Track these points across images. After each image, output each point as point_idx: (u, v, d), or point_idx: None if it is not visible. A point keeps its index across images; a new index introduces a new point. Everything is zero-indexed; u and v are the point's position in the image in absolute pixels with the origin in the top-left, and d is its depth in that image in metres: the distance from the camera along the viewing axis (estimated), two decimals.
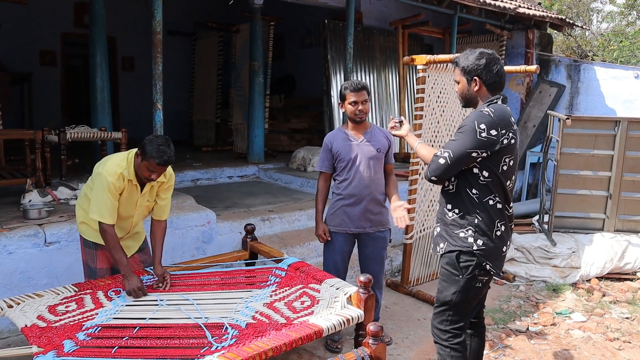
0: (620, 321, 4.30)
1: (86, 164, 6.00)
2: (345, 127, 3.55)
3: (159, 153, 2.78)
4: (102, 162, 3.02)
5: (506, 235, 2.61)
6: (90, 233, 3.06)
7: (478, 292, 2.65)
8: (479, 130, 2.41)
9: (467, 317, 2.70)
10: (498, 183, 2.51)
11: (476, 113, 2.49)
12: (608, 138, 5.56)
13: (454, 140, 2.49)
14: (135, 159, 2.89)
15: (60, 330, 2.49)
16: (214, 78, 8.75)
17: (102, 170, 2.89)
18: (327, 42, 7.32)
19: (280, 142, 8.49)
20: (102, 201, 2.86)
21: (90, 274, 3.16)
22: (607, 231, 5.63)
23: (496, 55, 2.60)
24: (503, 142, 2.44)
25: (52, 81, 9.21)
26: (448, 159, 2.46)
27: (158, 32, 4.17)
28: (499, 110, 2.48)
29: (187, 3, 10.36)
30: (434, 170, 2.52)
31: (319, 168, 3.55)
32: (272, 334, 2.50)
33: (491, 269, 2.57)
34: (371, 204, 3.46)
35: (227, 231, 4.60)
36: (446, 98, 4.75)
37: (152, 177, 2.87)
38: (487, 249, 2.54)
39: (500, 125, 2.43)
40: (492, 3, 7.12)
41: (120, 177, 2.89)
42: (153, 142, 2.81)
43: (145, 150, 2.80)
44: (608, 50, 12.26)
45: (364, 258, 3.60)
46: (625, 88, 7.43)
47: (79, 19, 9.17)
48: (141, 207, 3.10)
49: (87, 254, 3.14)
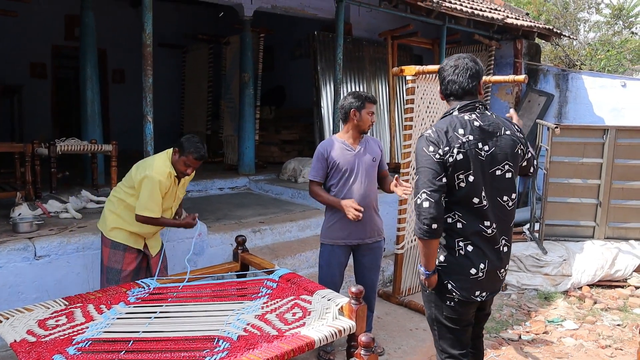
0: (612, 328, 4.32)
1: (76, 176, 5.97)
2: (340, 135, 3.52)
3: (197, 149, 3.24)
4: (145, 165, 3.32)
5: (475, 257, 2.37)
6: (122, 236, 3.34)
7: (455, 312, 2.45)
8: (430, 155, 2.28)
9: (455, 334, 2.51)
10: (458, 202, 2.33)
11: (419, 140, 2.36)
12: (597, 146, 5.62)
13: (417, 178, 2.33)
14: (173, 156, 3.31)
15: (50, 345, 2.46)
16: (204, 90, 8.76)
17: (150, 172, 3.21)
18: (316, 53, 7.36)
19: (270, 153, 8.50)
20: (154, 199, 3.21)
21: (113, 276, 3.33)
22: (598, 239, 5.67)
23: (457, 62, 2.42)
24: (449, 160, 2.28)
25: (42, 93, 9.20)
26: (429, 197, 2.25)
27: (148, 44, 4.18)
28: (440, 126, 2.34)
29: (177, 15, 10.41)
30: (430, 218, 2.24)
31: (312, 177, 3.48)
32: (263, 346, 2.49)
33: (453, 289, 2.39)
34: (368, 212, 3.45)
35: (219, 243, 4.59)
36: (436, 108, 4.78)
37: (187, 171, 3.32)
38: (447, 265, 2.41)
39: (441, 143, 2.29)
40: (480, 14, 7.20)
41: (169, 175, 3.28)
42: (190, 140, 3.27)
43: (184, 147, 3.24)
44: (595, 59, 12.41)
45: (361, 268, 3.59)
46: (613, 97, 7.51)
47: (69, 31, 9.18)
48: (178, 199, 3.52)
49: (113, 255, 3.34)
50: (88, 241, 3.81)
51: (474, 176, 2.31)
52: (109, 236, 3.33)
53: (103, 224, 3.39)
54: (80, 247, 3.77)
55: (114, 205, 3.38)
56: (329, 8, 7.24)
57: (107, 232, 3.35)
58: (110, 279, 3.32)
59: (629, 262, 5.35)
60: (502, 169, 2.38)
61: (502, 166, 2.38)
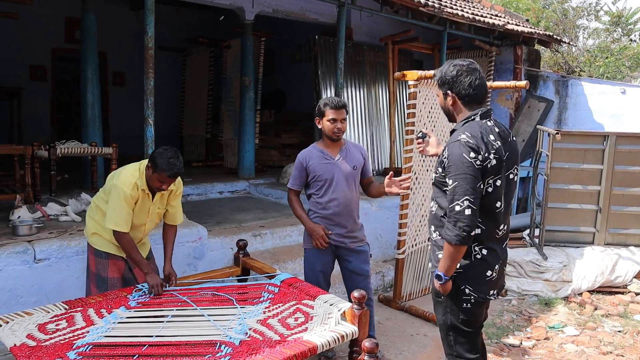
0: (613, 335, 4.31)
1: (75, 179, 5.95)
2: (320, 144, 3.48)
3: (169, 166, 2.93)
4: (116, 173, 3.15)
5: (492, 259, 2.44)
6: (102, 243, 3.17)
7: (471, 314, 2.49)
8: (472, 161, 2.28)
9: (472, 338, 2.56)
10: (482, 207, 2.35)
11: (455, 145, 2.33)
12: (597, 152, 5.62)
13: (455, 184, 2.29)
14: (147, 171, 3.04)
15: (50, 350, 2.44)
16: (204, 93, 8.76)
17: (117, 182, 3.03)
18: (317, 57, 7.36)
19: (270, 157, 8.49)
20: (119, 211, 2.99)
21: (101, 283, 3.20)
22: (598, 245, 5.67)
23: (473, 65, 2.44)
24: (487, 166, 2.31)
25: (41, 96, 9.18)
26: (472, 204, 2.26)
27: (150, 47, 4.17)
28: (474, 132, 2.34)
29: (177, 19, 10.41)
30: (469, 225, 2.26)
31: (291, 186, 3.49)
32: (266, 352, 2.47)
33: (471, 293, 2.43)
34: (349, 222, 3.45)
35: (219, 247, 4.57)
36: (437, 113, 4.78)
37: (162, 187, 3.04)
38: (464, 271, 2.43)
39: (481, 150, 2.30)
40: (481, 20, 7.21)
41: (135, 186, 3.03)
42: (163, 155, 2.94)
43: (155, 164, 2.95)
44: (594, 66, 12.45)
45: (348, 274, 3.55)
46: (613, 103, 7.53)
47: (69, 34, 9.18)
48: (153, 215, 3.24)
49: (98, 263, 3.20)
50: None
51: (500, 180, 2.37)
52: (91, 243, 3.21)
53: (86, 230, 3.28)
54: (80, 251, 3.74)
55: (93, 211, 3.24)
56: (329, 13, 7.25)
57: (88, 238, 3.23)
58: (100, 286, 3.20)
59: (629, 269, 5.35)
60: (513, 172, 2.48)
61: (513, 170, 2.48)
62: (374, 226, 5.60)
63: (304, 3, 7.20)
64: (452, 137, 2.43)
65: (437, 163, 2.51)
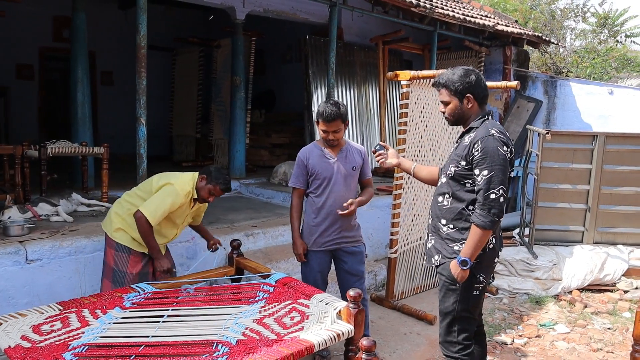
0: (603, 332, 4.37)
1: (65, 179, 5.90)
2: (320, 142, 3.50)
3: (225, 181, 3.31)
4: (171, 175, 3.36)
5: (498, 247, 2.67)
6: (126, 239, 3.31)
7: (477, 300, 2.70)
8: (505, 154, 2.48)
9: (472, 325, 2.73)
10: None
11: (490, 139, 2.50)
12: (586, 152, 5.69)
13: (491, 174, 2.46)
14: (199, 181, 3.31)
15: (45, 351, 2.41)
16: (194, 93, 8.72)
17: (175, 183, 3.25)
18: (308, 57, 7.37)
19: (260, 157, 8.48)
20: (162, 206, 3.18)
21: (118, 278, 3.31)
22: (587, 243, 5.74)
23: (476, 69, 2.72)
24: (512, 159, 2.56)
25: (29, 95, 9.08)
26: (504, 193, 2.47)
27: (143, 46, 4.14)
28: (501, 129, 2.57)
29: (167, 18, 10.35)
30: (501, 211, 2.48)
31: (292, 184, 3.50)
32: (263, 351, 2.47)
33: (483, 280, 2.63)
34: (346, 221, 3.46)
35: None
36: (429, 113, 4.81)
37: (209, 199, 3.35)
38: (480, 261, 2.59)
39: (510, 144, 2.53)
40: (472, 20, 7.26)
41: (188, 194, 3.29)
42: (220, 171, 3.33)
43: (212, 176, 3.28)
44: (581, 66, 12.59)
45: (343, 274, 3.57)
46: (600, 103, 7.62)
47: (57, 33, 9.08)
48: (187, 221, 3.53)
49: (117, 257, 3.31)
50: (80, 245, 3.76)
51: (511, 174, 2.59)
52: (113, 237, 3.29)
53: (108, 225, 3.35)
54: (72, 251, 3.72)
55: (122, 208, 3.35)
56: (320, 12, 7.26)
57: (111, 233, 3.31)
58: (116, 281, 3.29)
59: (617, 267, 5.41)
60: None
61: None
62: (366, 226, 5.56)
63: (294, 3, 7.20)
64: (479, 132, 2.56)
65: (458, 158, 2.62)
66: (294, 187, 3.51)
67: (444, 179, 2.73)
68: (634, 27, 13.48)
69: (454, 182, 2.65)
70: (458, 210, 2.63)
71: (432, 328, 4.24)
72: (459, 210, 2.62)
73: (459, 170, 2.61)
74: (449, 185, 2.68)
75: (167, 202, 3.19)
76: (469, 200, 2.59)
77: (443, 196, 2.69)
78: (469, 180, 2.58)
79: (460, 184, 2.62)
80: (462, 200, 2.62)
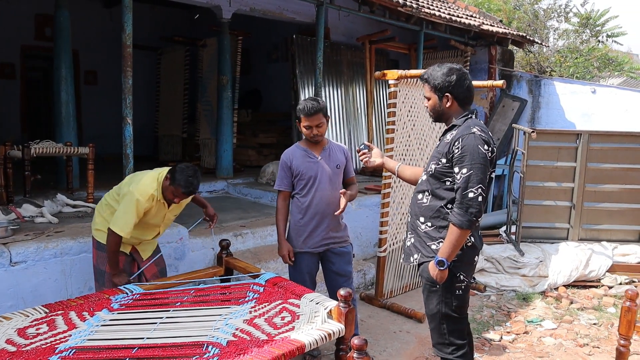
0: (589, 327, 4.42)
1: (49, 180, 5.81)
2: (303, 143, 3.48)
3: (186, 184, 3.07)
4: (134, 179, 3.24)
5: (478, 244, 2.64)
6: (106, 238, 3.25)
7: (462, 299, 2.65)
8: (486, 152, 2.44)
9: (462, 324, 2.70)
10: None
11: (470, 137, 2.45)
12: (570, 150, 5.76)
13: (470, 172, 2.41)
14: (164, 182, 3.16)
15: (32, 354, 2.37)
16: (180, 92, 8.65)
17: (133, 189, 3.11)
18: (295, 57, 7.35)
19: (248, 156, 8.45)
20: (127, 217, 3.09)
21: (99, 276, 3.32)
22: (572, 240, 5.81)
23: (464, 69, 2.63)
24: (493, 158, 2.50)
25: (10, 95, 8.94)
26: (483, 192, 2.42)
27: (128, 45, 4.10)
28: (483, 127, 2.53)
29: (151, 17, 10.26)
30: (479, 211, 2.43)
31: (277, 187, 3.47)
32: (254, 351, 2.45)
33: (464, 279, 2.60)
34: (333, 221, 3.44)
35: (200, 247, 4.52)
36: (416, 112, 4.82)
37: (175, 200, 3.17)
38: (458, 260, 2.55)
39: (491, 143, 2.49)
40: (458, 20, 7.31)
41: (151, 197, 3.14)
42: (184, 172, 3.09)
43: (174, 178, 3.09)
44: (564, 66, 12.73)
45: (331, 275, 3.56)
46: (583, 102, 7.72)
47: (40, 31, 8.95)
48: (168, 220, 3.43)
49: (99, 257, 3.31)
50: (66, 246, 3.70)
51: (492, 173, 2.55)
52: (95, 236, 3.30)
53: (92, 224, 3.39)
54: (57, 253, 3.66)
55: (102, 208, 3.35)
56: (306, 12, 7.25)
57: (94, 232, 3.33)
58: (98, 280, 3.30)
59: (602, 263, 5.48)
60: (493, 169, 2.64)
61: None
62: (354, 225, 5.61)
63: (281, 2, 7.17)
64: (461, 130, 2.53)
65: (439, 155, 2.59)
66: (279, 190, 3.48)
67: (424, 177, 2.69)
68: (614, 27, 13.66)
69: (434, 180, 2.61)
70: (437, 208, 2.59)
71: (422, 326, 4.25)
72: (438, 208, 2.59)
73: (439, 168, 2.57)
74: (429, 183, 2.64)
75: (131, 213, 3.10)
76: (449, 198, 2.55)
77: (423, 193, 2.66)
78: (449, 178, 2.54)
79: (440, 181, 2.58)
80: (442, 198, 2.58)
